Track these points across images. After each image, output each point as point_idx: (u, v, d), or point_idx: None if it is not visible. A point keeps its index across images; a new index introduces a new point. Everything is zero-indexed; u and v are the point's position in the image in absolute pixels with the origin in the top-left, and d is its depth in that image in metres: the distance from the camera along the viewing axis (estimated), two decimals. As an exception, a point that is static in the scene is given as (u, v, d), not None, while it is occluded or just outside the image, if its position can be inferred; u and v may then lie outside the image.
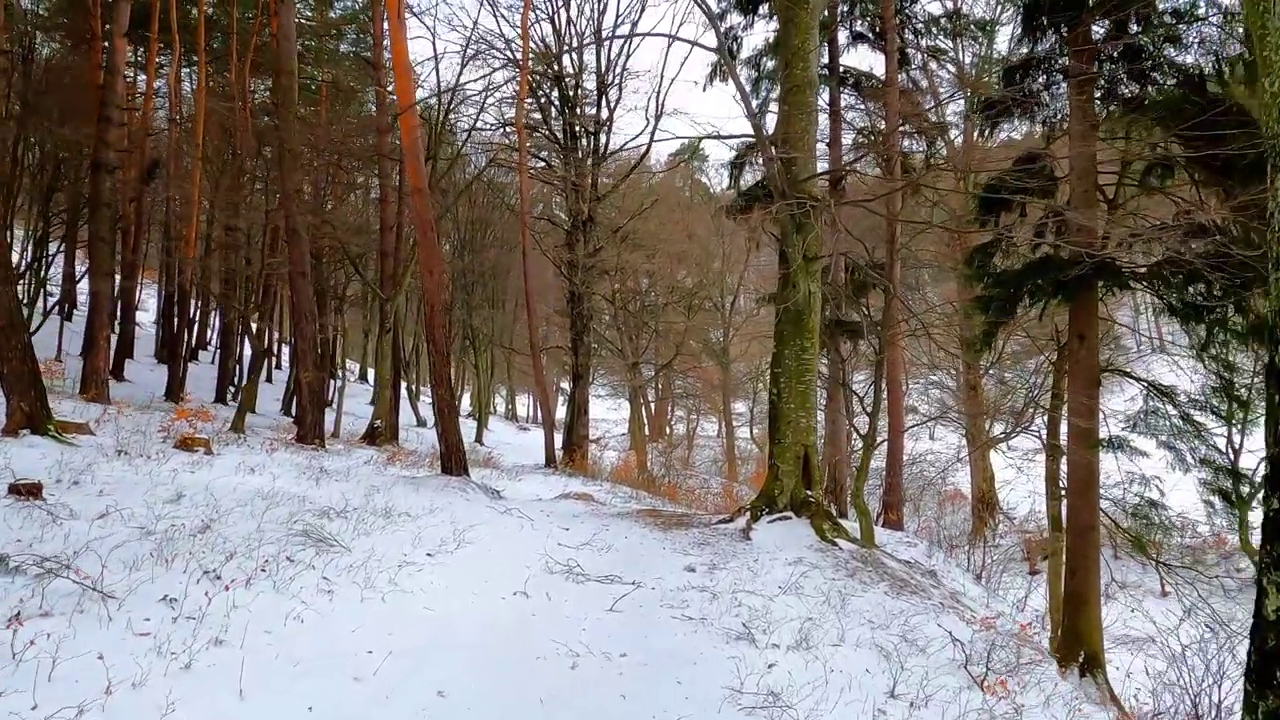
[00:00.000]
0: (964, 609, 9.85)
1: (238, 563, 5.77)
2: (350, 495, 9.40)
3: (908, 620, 8.13)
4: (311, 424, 13.84)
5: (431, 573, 7.03)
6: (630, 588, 8.04)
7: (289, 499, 8.38)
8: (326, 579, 6.00)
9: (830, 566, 9.70)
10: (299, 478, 9.93)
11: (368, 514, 8.50)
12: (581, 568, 8.50)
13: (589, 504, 12.49)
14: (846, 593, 8.75)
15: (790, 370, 11.28)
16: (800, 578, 8.88)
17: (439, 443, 12.05)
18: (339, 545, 6.84)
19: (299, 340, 13.91)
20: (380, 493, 9.94)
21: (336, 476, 10.49)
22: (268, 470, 9.94)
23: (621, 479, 21.12)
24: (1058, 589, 15.88)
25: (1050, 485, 16.76)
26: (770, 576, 9.00)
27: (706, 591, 8.14)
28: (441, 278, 11.80)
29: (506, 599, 7.14)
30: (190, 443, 10.10)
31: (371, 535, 7.60)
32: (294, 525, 7.09)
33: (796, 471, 11.16)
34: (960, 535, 24.23)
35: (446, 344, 11.92)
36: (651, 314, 29.08)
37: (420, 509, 9.46)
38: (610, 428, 38.50)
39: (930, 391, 37.30)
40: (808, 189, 11.40)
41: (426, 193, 11.81)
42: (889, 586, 9.50)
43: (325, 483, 9.98)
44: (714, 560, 9.41)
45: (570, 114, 24.62)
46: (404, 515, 8.91)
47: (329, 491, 9.41)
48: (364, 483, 10.41)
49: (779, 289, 11.74)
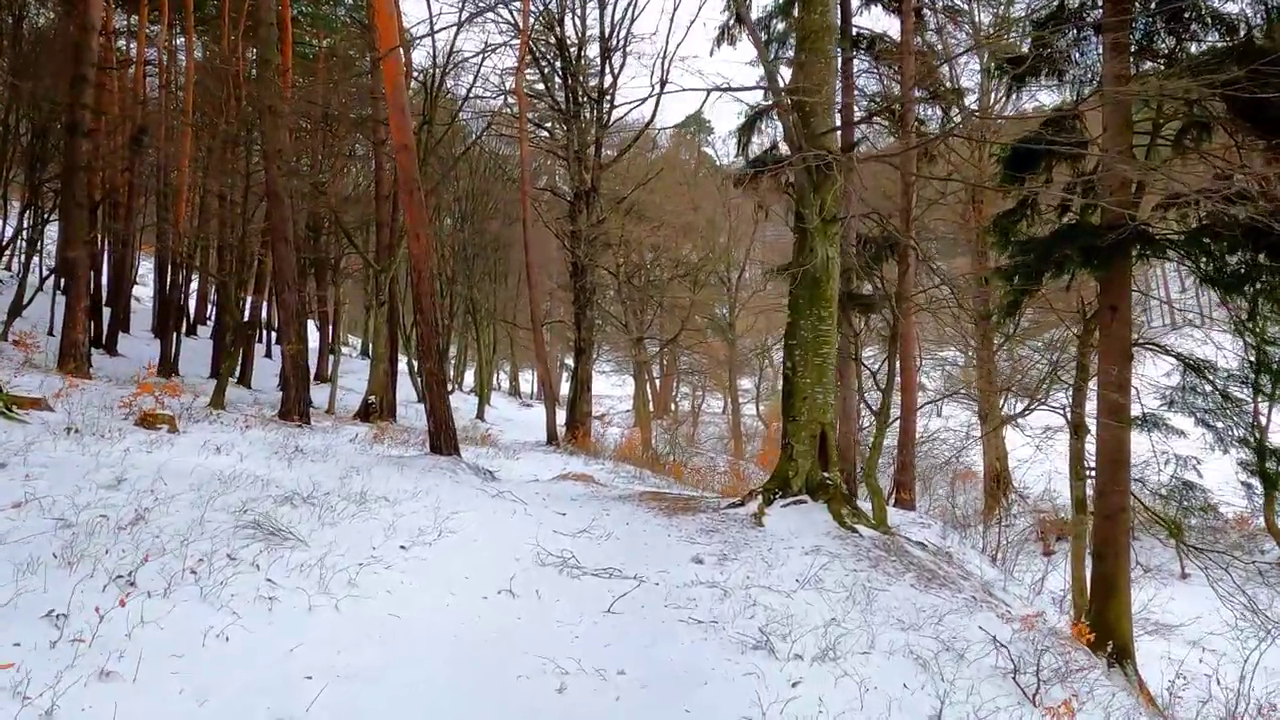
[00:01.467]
0: (997, 602, 8.85)
1: (162, 564, 4.78)
2: (323, 477, 8.41)
3: (941, 619, 7.14)
4: (295, 399, 12.85)
5: (403, 570, 6.04)
6: (631, 583, 7.05)
7: (250, 482, 7.39)
8: (271, 582, 5.00)
9: (851, 556, 8.70)
10: (269, 458, 8.94)
11: (339, 499, 7.51)
12: (577, 559, 7.51)
13: (589, 485, 11.51)
14: (871, 587, 7.76)
15: (806, 342, 10.23)
16: (820, 570, 7.89)
17: (428, 420, 11.06)
18: (294, 539, 5.84)
19: (281, 311, 12.89)
20: (359, 474, 8.95)
21: (313, 456, 9.50)
22: (236, 450, 8.95)
23: (625, 457, 20.14)
24: (1080, 573, 14.91)
25: (1075, 465, 15.71)
26: (786, 569, 8.01)
27: (716, 588, 7.15)
28: (429, 242, 10.76)
29: (489, 599, 6.15)
30: (152, 420, 9.12)
31: (338, 525, 6.60)
32: (245, 514, 6.10)
33: (812, 452, 10.14)
34: (971, 515, 23.28)
35: (436, 314, 10.89)
36: (657, 288, 28.00)
37: (401, 493, 8.47)
38: (614, 404, 37.56)
39: (938, 369, 36.29)
40: (826, 143, 10.31)
41: (413, 149, 10.75)
42: (916, 578, 8.51)
43: (299, 463, 8.99)
44: (724, 550, 8.42)
45: (573, 80, 23.44)
46: (381, 500, 7.92)
47: (300, 473, 8.42)
48: (342, 463, 9.43)
49: (794, 254, 10.68)
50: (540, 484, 11.41)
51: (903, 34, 19.75)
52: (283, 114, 13.83)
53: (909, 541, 10.02)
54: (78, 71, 15.20)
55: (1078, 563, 15.10)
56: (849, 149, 16.93)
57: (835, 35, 10.99)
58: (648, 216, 25.55)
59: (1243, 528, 20.32)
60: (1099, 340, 13.25)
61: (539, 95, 25.81)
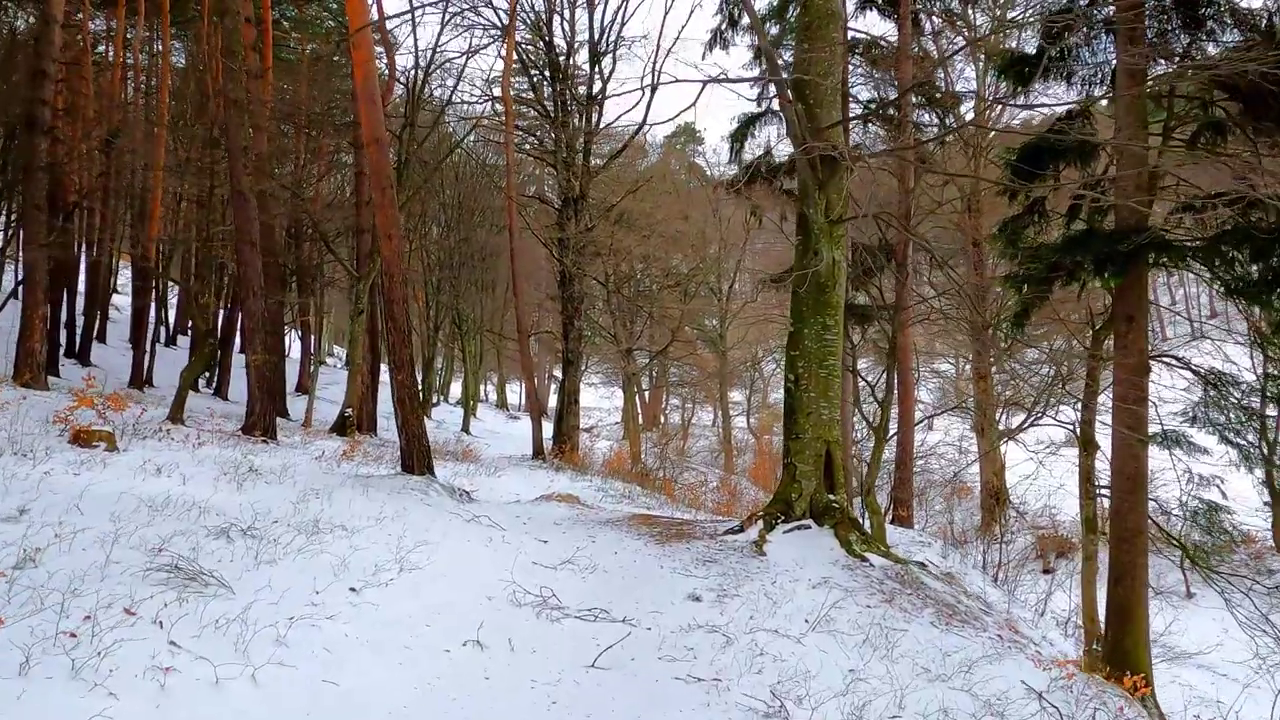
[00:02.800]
0: (1025, 641, 7.90)
1: (32, 625, 3.76)
2: (275, 502, 7.38)
3: (971, 668, 6.18)
4: (260, 413, 11.81)
5: (349, 620, 5.03)
6: (620, 629, 6.05)
7: (185, 511, 6.36)
8: (173, 646, 3.98)
9: (863, 590, 7.74)
10: (217, 480, 7.91)
11: (286, 529, 6.49)
12: (558, 598, 6.51)
13: (574, 507, 10.50)
14: (889, 627, 6.79)
15: (810, 353, 9.28)
16: (831, 608, 6.91)
17: (399, 436, 10.03)
18: (217, 584, 4.83)
19: (246, 318, 11.86)
20: (317, 498, 7.92)
21: (269, 477, 8.47)
22: (179, 471, 7.91)
23: (614, 472, 19.14)
24: (1090, 597, 13.94)
25: (1085, 483, 14.75)
26: (794, 605, 7.04)
27: (718, 633, 6.16)
28: (400, 244, 9.78)
29: (453, 653, 5.15)
30: (87, 437, 8.08)
31: (278, 563, 5.58)
32: (163, 554, 5.07)
33: (817, 472, 9.17)
34: (967, 531, 22.35)
35: (408, 321, 9.88)
36: (646, 299, 27.02)
37: (362, 519, 7.45)
38: (603, 417, 36.53)
39: (931, 381, 35.40)
40: (832, 137, 9.39)
41: (385, 143, 9.78)
42: (935, 615, 7.55)
43: (250, 486, 7.96)
44: (723, 584, 7.44)
45: (561, 85, 22.51)
46: (337, 530, 6.90)
47: (249, 498, 7.40)
48: (301, 485, 8.39)
49: (796, 258, 9.73)
50: (521, 505, 10.39)
51: (900, 37, 18.94)
52: (248, 108, 12.81)
53: (922, 569, 9.05)
54: (38, 66, 14.16)
55: (1088, 586, 14.13)
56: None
57: (840, 23, 10.11)
58: (637, 225, 24.58)
59: (1248, 546, 19.47)
60: (1114, 352, 12.38)
61: (527, 102, 24.88)
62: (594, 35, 22.32)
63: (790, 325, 9.63)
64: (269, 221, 19.36)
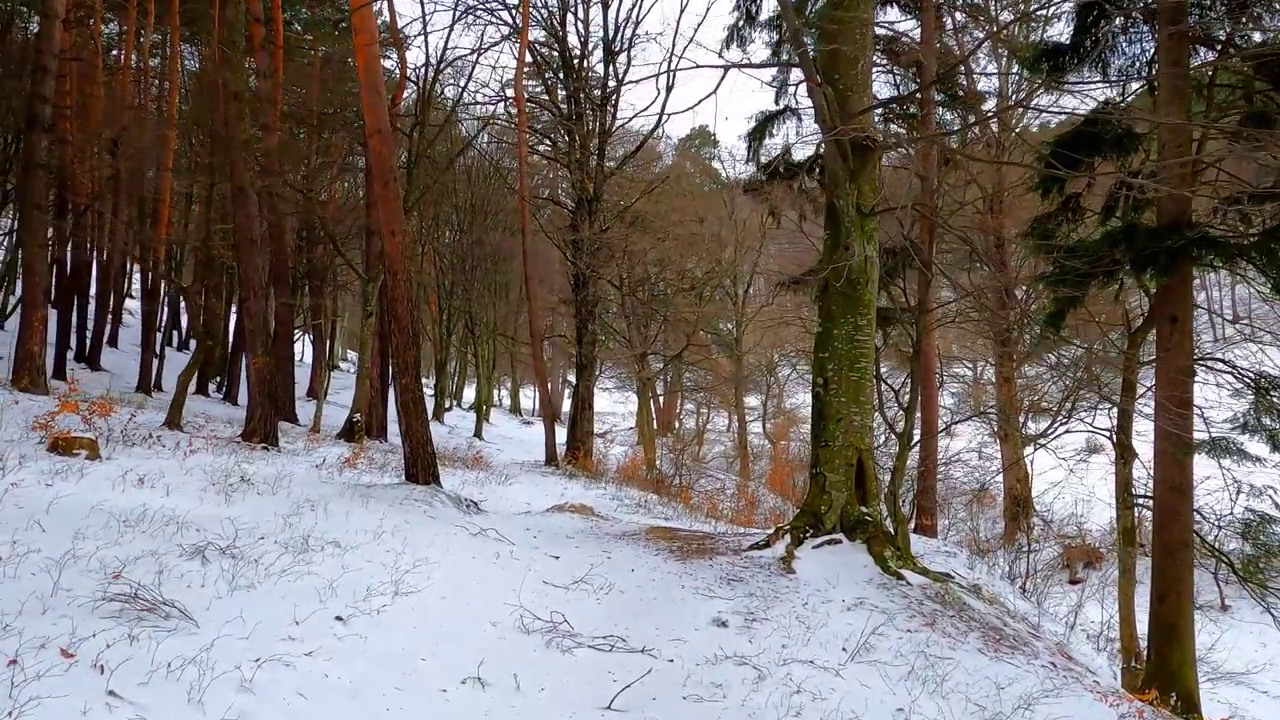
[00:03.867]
0: (1080, 670, 7.15)
1: (-60, 674, 3.10)
2: (265, 516, 6.74)
3: (1030, 704, 5.47)
4: (261, 418, 11.18)
5: (331, 656, 4.36)
6: (639, 661, 5.37)
7: (160, 526, 5.72)
8: (112, 698, 3.32)
9: (902, 612, 7.01)
10: (204, 491, 7.27)
11: (272, 547, 5.84)
12: (570, 624, 5.83)
13: (587, 519, 9.81)
14: (935, 655, 6.08)
15: (841, 355, 8.58)
16: (870, 634, 6.20)
17: (402, 443, 9.38)
18: (180, 615, 4.17)
19: (247, 319, 11.25)
20: (312, 511, 7.28)
21: (261, 488, 7.82)
22: (164, 481, 7.27)
23: (628, 479, 18.44)
24: (1128, 613, 13.13)
25: (1122, 492, 13.95)
26: (829, 631, 6.33)
27: (747, 665, 5.47)
28: (404, 241, 9.14)
29: (450, 693, 4.47)
30: (67, 444, 7.46)
31: (256, 588, 4.93)
32: (122, 580, 4.41)
33: (848, 483, 8.46)
34: (990, 540, 21.49)
35: (412, 322, 9.23)
36: (662, 303, 26.33)
37: (358, 535, 6.79)
38: (617, 422, 35.84)
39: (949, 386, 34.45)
40: (863, 123, 8.68)
41: (388, 134, 9.16)
42: (982, 640, 6.82)
43: (239, 498, 7.32)
44: (750, 606, 6.73)
45: (575, 85, 21.86)
46: (329, 547, 6.24)
47: (236, 511, 6.75)
48: (295, 496, 7.75)
49: (825, 253, 9.02)
50: (532, 516, 9.71)
51: (923, 31, 18.20)
52: (252, 103, 12.22)
53: (961, 587, 8.31)
54: (38, 61, 13.63)
55: (1125, 600, 13.32)
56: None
57: (872, 2, 9.40)
58: (652, 228, 23.91)
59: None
60: (1157, 355, 11.62)
61: (540, 104, 24.27)
62: (608, 33, 21.69)
63: (818, 325, 8.93)
64: (278, 223, 18.86)
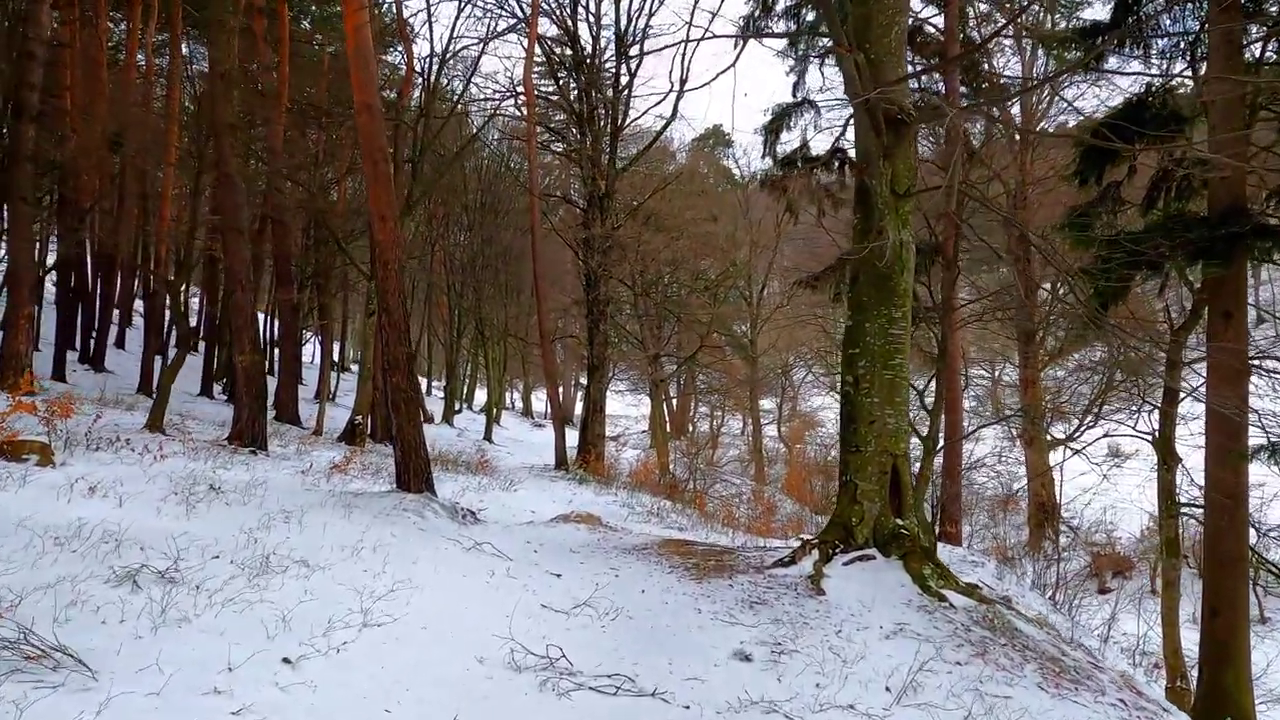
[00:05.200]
0: (1155, 708, 6.20)
1: None
2: (227, 530, 5.89)
3: (1109, 756, 4.54)
4: (248, 420, 10.36)
5: (268, 712, 3.47)
6: (650, 706, 4.48)
7: (95, 545, 4.88)
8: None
9: (948, 640, 6.08)
10: (164, 501, 6.43)
11: (226, 568, 4.99)
12: (569, 660, 4.94)
13: (595, 529, 8.91)
14: (992, 694, 5.18)
15: (873, 351, 7.65)
16: (918, 671, 5.29)
17: (394, 447, 8.51)
18: (74, 664, 3.30)
19: (233, 314, 10.43)
20: (286, 523, 6.43)
21: (231, 497, 6.98)
22: (120, 490, 6.43)
23: (640, 484, 17.54)
24: (1173, 629, 12.14)
25: (1165, 500, 12.94)
26: (869, 665, 5.43)
27: (777, 712, 4.57)
28: (396, 227, 8.30)
29: (415, 756, 3.60)
30: (14, 449, 6.64)
31: (189, 623, 4.06)
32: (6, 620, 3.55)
33: (882, 492, 7.54)
34: (1014, 548, 20.44)
35: (404, 315, 8.37)
36: (675, 304, 25.42)
37: (332, 552, 5.93)
38: (630, 425, 34.91)
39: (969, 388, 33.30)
40: (896, 97, 7.77)
41: (378, 111, 8.32)
42: (1039, 672, 5.88)
43: (204, 509, 6.47)
44: (777, 634, 5.82)
45: (586, 80, 21.00)
46: (295, 566, 5.38)
47: (193, 526, 5.90)
48: (269, 506, 6.90)
49: (855, 239, 8.10)
50: (535, 527, 8.82)
51: (946, 20, 17.26)
52: (236, 80, 11.41)
53: (1009, 610, 7.36)
54: (23, 47, 12.91)
55: (1169, 615, 12.34)
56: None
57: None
58: (666, 226, 23.02)
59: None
60: (1209, 353, 10.65)
61: (551, 101, 23.41)
62: (620, 26, 20.83)
63: (847, 318, 8.01)
64: (282, 218, 18.11)
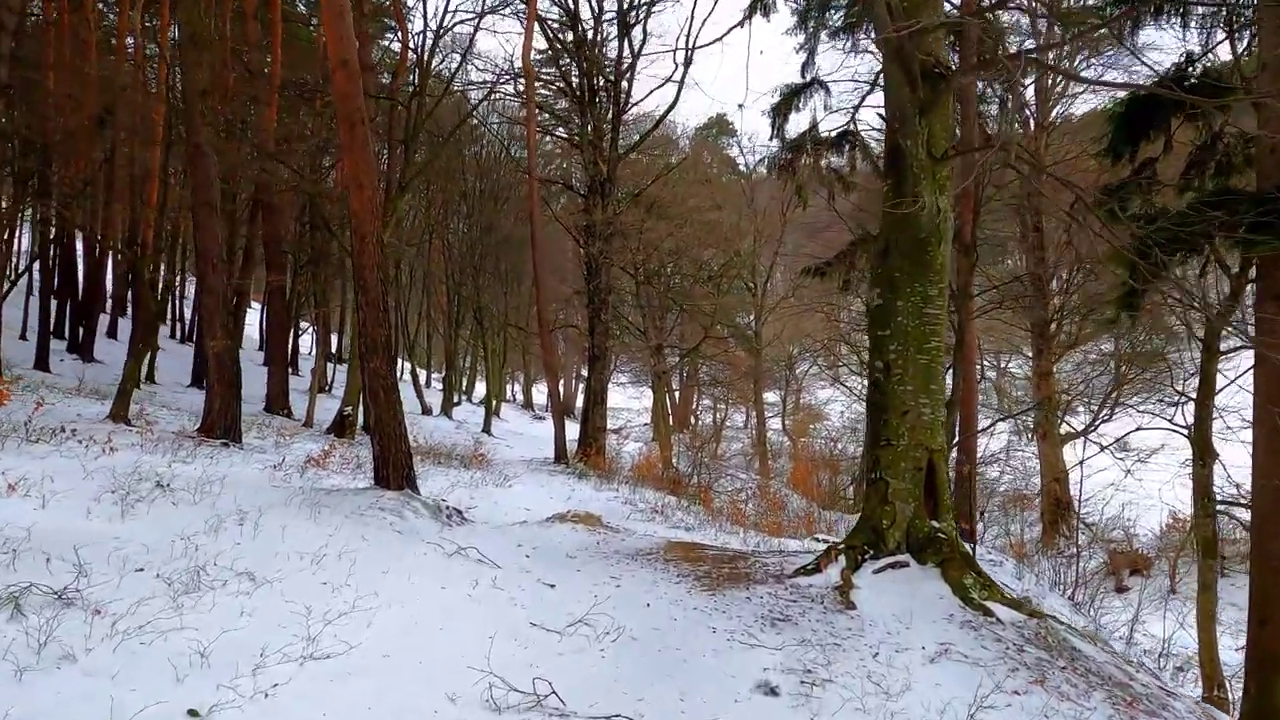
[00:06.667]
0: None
1: None
2: (162, 536, 4.98)
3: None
4: (220, 411, 9.44)
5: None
6: (656, 763, 3.56)
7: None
8: None
9: (1001, 663, 5.17)
10: (96, 502, 5.51)
11: (146, 585, 4.07)
12: (560, 698, 4.02)
13: (594, 531, 7.99)
14: (1062, 734, 4.25)
15: (906, 333, 6.72)
16: (978, 707, 4.36)
17: (371, 440, 7.59)
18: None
19: (205, 296, 9.51)
20: (237, 526, 5.51)
21: (180, 496, 6.05)
22: (48, 487, 5.52)
23: (643, 477, 16.60)
24: (1211, 635, 11.16)
25: (1200, 498, 11.99)
26: (915, 698, 4.53)
27: (816, 768, 3.65)
28: (374, 196, 7.37)
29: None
30: (-73, 439, 5.72)
31: (72, 662, 3.15)
32: None
33: (916, 491, 6.61)
34: (1028, 545, 19.50)
35: (383, 293, 7.44)
36: (678, 294, 24.44)
37: (288, 560, 5.01)
38: (631, 417, 33.96)
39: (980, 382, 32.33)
40: (934, 48, 6.84)
41: (356, 68, 7.39)
42: (1109, 702, 5.00)
43: (143, 510, 5.55)
44: (806, 660, 4.90)
45: (588, 61, 20.00)
46: (237, 580, 4.47)
47: (129, 529, 5.00)
48: (223, 506, 5.97)
49: (885, 209, 7.15)
50: (528, 528, 7.89)
51: None
52: (210, 44, 10.46)
53: (1062, 624, 6.43)
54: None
55: (1205, 621, 11.37)
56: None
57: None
58: (668, 214, 22.05)
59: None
60: (1257, 338, 9.73)
61: (551, 84, 22.40)
62: (622, 3, 19.83)
63: (876, 298, 7.06)
64: (271, 201, 17.17)
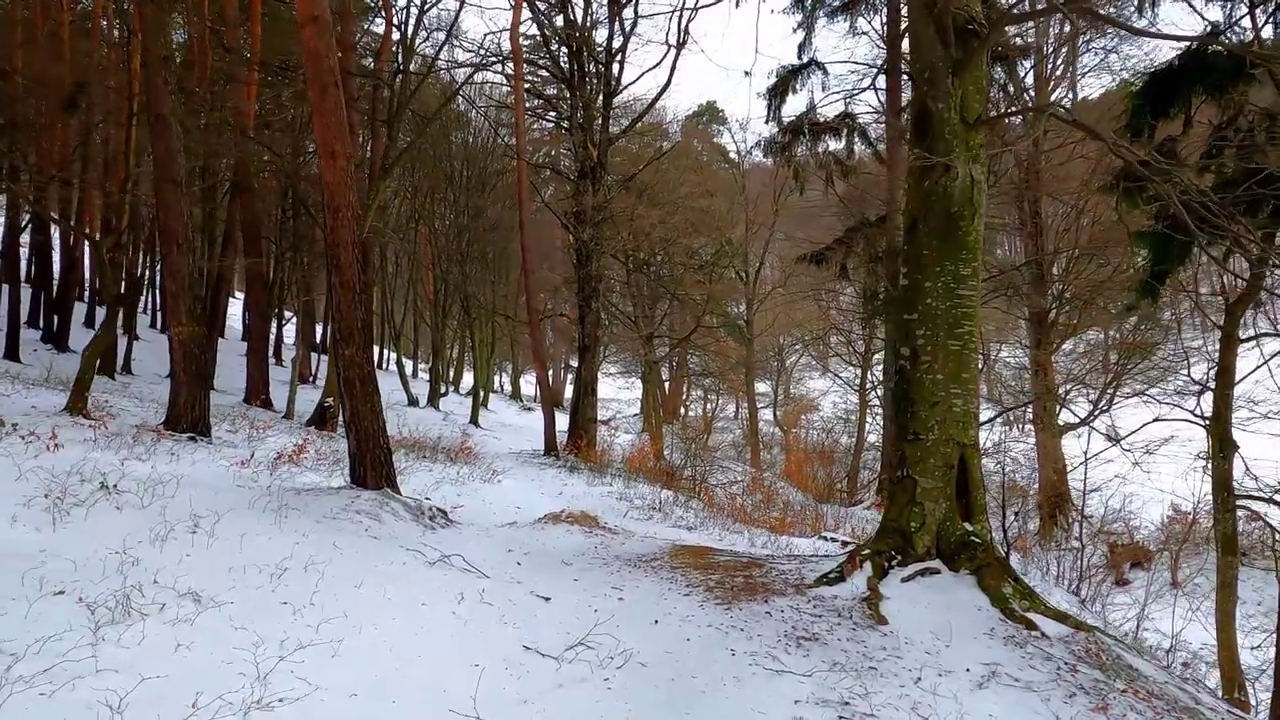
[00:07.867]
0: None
1: None
2: (97, 548, 4.24)
3: None
4: (187, 403, 8.68)
5: None
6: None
7: None
8: None
9: (1055, 687, 4.53)
10: (25, 507, 4.77)
11: (64, 612, 3.33)
12: (561, 744, 3.32)
13: (591, 533, 7.29)
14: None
15: (936, 316, 6.04)
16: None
17: (347, 435, 6.85)
18: None
19: (169, 279, 8.72)
20: (189, 534, 4.78)
21: (127, 499, 5.31)
22: (-29, 491, 4.77)
23: (636, 470, 15.92)
24: (1230, 635, 10.59)
25: (1220, 492, 11.40)
26: (969, 735, 3.84)
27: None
28: (347, 165, 6.62)
29: None
30: None
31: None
32: None
33: (948, 490, 5.94)
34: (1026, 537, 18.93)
35: (358, 274, 6.69)
36: (669, 282, 23.72)
37: (244, 575, 4.29)
38: (621, 408, 33.26)
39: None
40: (968, 1, 6.13)
41: (327, 23, 6.62)
42: (1177, 730, 4.33)
43: (79, 515, 4.81)
44: (840, 689, 4.22)
45: (578, 41, 19.21)
46: (178, 601, 3.75)
47: (59, 539, 4.27)
48: (177, 510, 5.24)
49: (912, 179, 6.44)
50: (520, 531, 7.18)
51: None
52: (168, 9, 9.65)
53: (1110, 638, 5.78)
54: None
55: (1225, 620, 10.80)
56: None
57: None
58: (659, 201, 21.32)
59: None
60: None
61: (541, 72, 21.54)
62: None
63: (902, 277, 6.37)
64: (250, 185, 16.35)
